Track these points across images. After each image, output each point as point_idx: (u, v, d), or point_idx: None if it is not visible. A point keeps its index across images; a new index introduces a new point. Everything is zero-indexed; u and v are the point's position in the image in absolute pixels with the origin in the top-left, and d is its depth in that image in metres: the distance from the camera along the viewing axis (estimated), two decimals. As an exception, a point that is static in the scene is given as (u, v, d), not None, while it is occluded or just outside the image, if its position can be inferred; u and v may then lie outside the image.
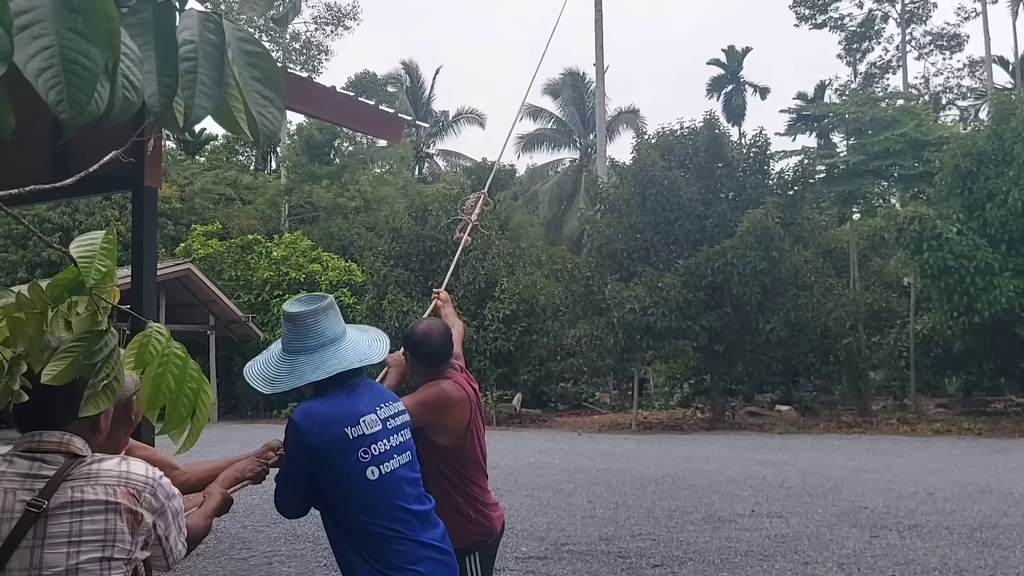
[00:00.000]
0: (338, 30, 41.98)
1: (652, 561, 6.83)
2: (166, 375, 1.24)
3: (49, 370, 1.27)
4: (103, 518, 1.64)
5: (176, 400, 1.26)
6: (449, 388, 3.34)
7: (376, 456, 2.54)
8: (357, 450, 2.51)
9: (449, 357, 3.43)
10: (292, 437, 2.53)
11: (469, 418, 3.38)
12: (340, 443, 2.50)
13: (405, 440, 2.70)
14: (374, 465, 2.52)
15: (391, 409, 2.69)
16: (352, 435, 2.51)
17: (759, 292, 19.93)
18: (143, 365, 1.23)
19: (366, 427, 2.55)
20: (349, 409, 2.55)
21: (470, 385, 3.48)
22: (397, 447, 2.63)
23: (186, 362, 1.26)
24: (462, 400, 3.35)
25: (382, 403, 2.67)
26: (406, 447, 2.69)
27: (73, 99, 0.91)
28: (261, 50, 1.20)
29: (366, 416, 2.56)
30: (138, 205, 5.28)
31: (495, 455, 16.57)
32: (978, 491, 10.21)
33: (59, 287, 1.25)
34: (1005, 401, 22.42)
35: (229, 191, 34.58)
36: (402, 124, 6.72)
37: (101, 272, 1.21)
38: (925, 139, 22.28)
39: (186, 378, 1.26)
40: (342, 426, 2.51)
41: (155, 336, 1.24)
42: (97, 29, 0.93)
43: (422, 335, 3.39)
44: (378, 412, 2.62)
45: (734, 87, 45.26)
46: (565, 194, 40.02)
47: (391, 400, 2.75)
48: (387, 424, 2.62)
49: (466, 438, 3.39)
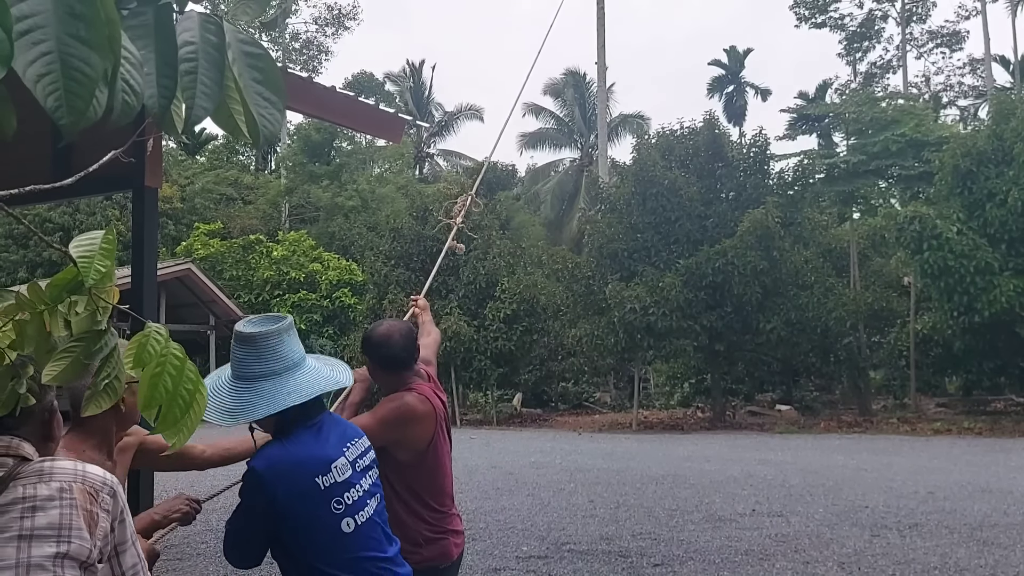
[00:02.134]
0: (339, 31, 42.05)
1: (653, 560, 6.83)
2: (164, 375, 1.25)
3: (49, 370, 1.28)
4: (57, 512, 1.56)
5: (172, 400, 1.26)
6: (413, 401, 3.03)
7: (350, 506, 2.29)
8: (330, 501, 2.25)
9: (412, 362, 3.12)
10: (253, 488, 2.23)
11: (433, 433, 3.08)
12: (310, 494, 2.22)
13: (375, 481, 2.46)
14: (349, 516, 2.28)
15: (358, 448, 2.43)
16: (324, 485, 2.23)
17: (759, 292, 19.94)
18: (141, 365, 1.24)
19: (337, 474, 2.27)
20: (318, 454, 2.27)
21: (437, 397, 3.17)
22: (369, 491, 2.39)
23: (184, 362, 1.26)
24: (427, 414, 3.04)
25: (349, 442, 2.40)
26: (376, 488, 2.45)
27: (71, 105, 0.91)
28: (261, 51, 1.21)
29: (336, 461, 2.29)
30: (138, 205, 5.28)
31: (496, 455, 16.59)
32: (978, 490, 10.22)
33: (58, 287, 1.26)
34: (1005, 400, 22.41)
35: (230, 191, 34.60)
36: (402, 124, 6.72)
37: (101, 272, 1.22)
38: (925, 139, 22.28)
39: (183, 379, 1.26)
40: (312, 475, 2.23)
41: (154, 336, 1.25)
42: (98, 35, 0.93)
43: (381, 337, 3.08)
44: (347, 454, 2.35)
45: (735, 88, 45.24)
46: (566, 194, 40.02)
47: (355, 436, 2.46)
48: (356, 466, 2.36)
49: (427, 454, 3.08)
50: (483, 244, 23.61)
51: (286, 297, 26.39)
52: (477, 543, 7.52)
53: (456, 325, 21.99)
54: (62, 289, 1.25)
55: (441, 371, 24.27)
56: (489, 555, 7.07)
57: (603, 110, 34.36)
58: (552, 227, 37.60)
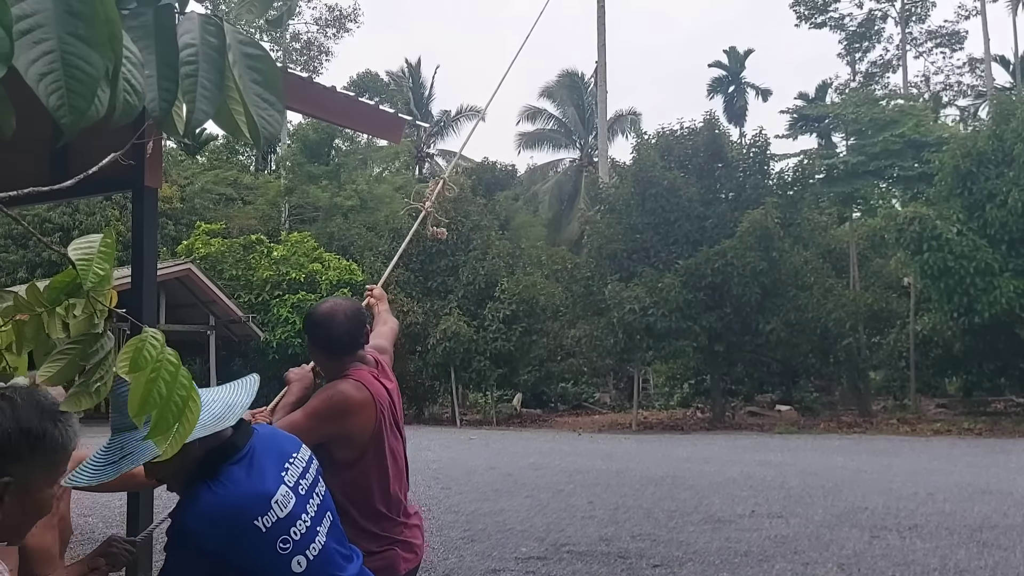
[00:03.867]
0: (340, 32, 42.06)
1: (652, 562, 6.83)
2: (158, 381, 1.23)
3: (45, 371, 1.27)
4: None
5: (166, 407, 1.25)
6: (348, 389, 2.70)
7: (299, 541, 1.97)
8: (275, 543, 1.93)
9: (357, 347, 2.81)
10: (183, 546, 1.92)
11: (375, 425, 2.72)
12: (251, 540, 1.90)
13: (323, 499, 2.12)
14: (299, 554, 1.96)
15: (298, 465, 2.07)
16: (265, 526, 1.91)
17: (759, 292, 19.95)
18: (137, 369, 1.23)
19: (279, 509, 1.94)
20: (254, 491, 1.93)
21: (381, 382, 2.82)
22: (317, 514, 2.06)
23: (178, 369, 1.25)
24: (364, 403, 2.70)
25: (287, 462, 2.05)
26: (325, 507, 2.12)
27: (73, 104, 0.91)
28: (261, 53, 1.21)
29: (277, 495, 1.95)
30: (138, 205, 5.26)
31: (496, 455, 16.54)
32: (978, 492, 10.21)
33: (57, 289, 1.25)
34: (1005, 401, 22.42)
35: (229, 191, 34.60)
36: (402, 124, 6.70)
37: (99, 276, 1.21)
38: (925, 139, 22.31)
39: (177, 385, 1.25)
40: (250, 519, 1.90)
41: (150, 342, 1.24)
42: (98, 34, 0.93)
43: (323, 315, 2.80)
44: (287, 479, 2.01)
45: (735, 88, 45.26)
46: (565, 194, 40.03)
47: (293, 450, 2.10)
48: (299, 489, 2.03)
49: (368, 451, 2.71)
50: (482, 244, 23.61)
51: (286, 297, 26.37)
52: (476, 544, 7.51)
53: (455, 325, 21.99)
54: (60, 291, 1.25)
55: (441, 371, 24.05)
56: (488, 556, 7.06)
57: (603, 110, 34.29)
58: (551, 227, 37.62)
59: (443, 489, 10.77)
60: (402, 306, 22.54)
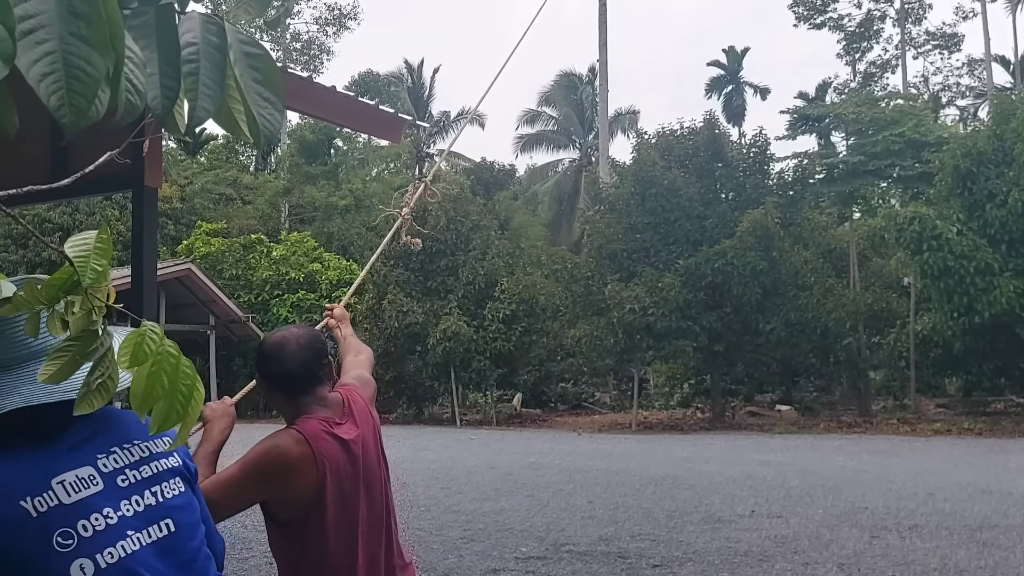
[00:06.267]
0: (340, 31, 42.08)
1: (652, 561, 6.83)
2: (160, 374, 1.25)
3: (46, 369, 1.27)
4: None
5: (172, 396, 1.26)
6: (285, 442, 2.21)
7: (88, 540, 1.46)
8: (51, 535, 1.45)
9: (315, 383, 2.32)
10: None
11: (318, 487, 2.20)
12: (13, 526, 1.44)
13: (164, 503, 1.57)
14: (84, 556, 1.45)
15: (136, 453, 1.58)
16: (37, 510, 1.45)
17: (759, 292, 19.96)
18: (137, 363, 1.24)
19: (66, 492, 1.48)
20: (35, 468, 1.48)
21: (335, 434, 2.27)
22: (139, 517, 1.53)
23: (179, 359, 1.26)
24: (302, 461, 2.19)
25: (118, 446, 1.56)
26: (164, 512, 1.57)
27: (74, 104, 0.92)
28: (261, 52, 1.21)
29: (67, 475, 1.49)
30: (138, 205, 5.27)
31: (496, 455, 16.53)
32: (978, 491, 10.22)
33: (54, 287, 1.26)
34: (1005, 401, 22.43)
35: (229, 191, 34.63)
36: (402, 124, 6.71)
37: (97, 272, 1.22)
38: (924, 139, 22.30)
39: (180, 376, 1.26)
40: (17, 498, 1.45)
41: (149, 335, 1.25)
42: (100, 34, 0.93)
43: (272, 347, 2.33)
44: (102, 463, 1.53)
45: (734, 88, 45.28)
46: (565, 194, 40.05)
47: (139, 438, 1.60)
48: (118, 479, 1.53)
49: (311, 515, 2.22)
50: (482, 244, 23.62)
51: (285, 297, 26.40)
52: (475, 544, 7.52)
53: (455, 325, 21.99)
54: (58, 289, 1.25)
55: (440, 371, 24.00)
56: (488, 556, 7.06)
57: (604, 109, 34.27)
58: (551, 227, 37.63)
59: (443, 489, 10.78)
60: (401, 306, 22.55)
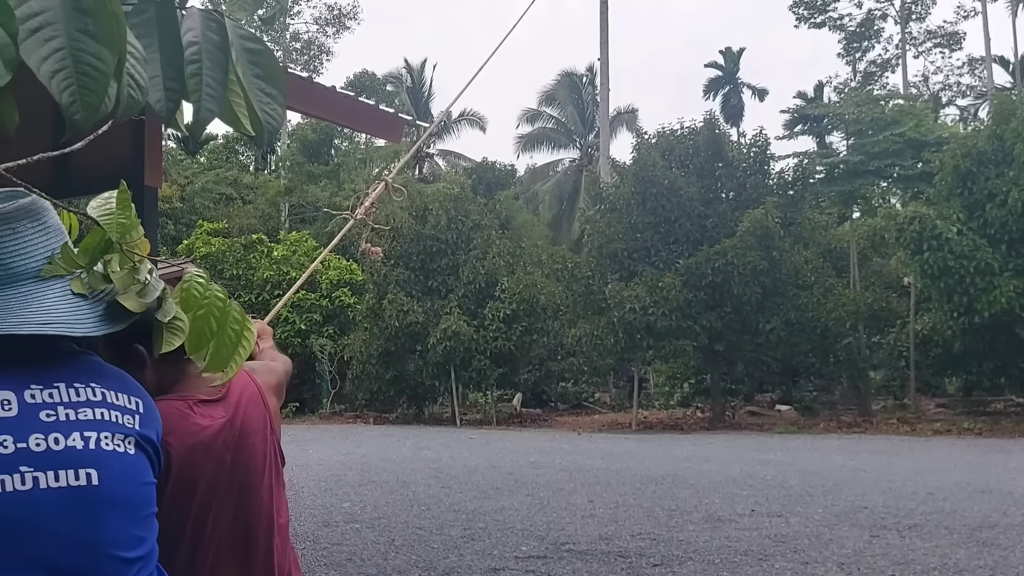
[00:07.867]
0: (339, 31, 42.09)
1: (652, 560, 6.83)
2: (208, 317, 1.28)
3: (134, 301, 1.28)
4: None
5: (221, 338, 1.30)
6: None
7: None
8: None
9: None
10: None
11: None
12: None
13: (97, 449, 1.25)
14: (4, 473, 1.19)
15: (85, 395, 1.27)
16: None
17: (759, 292, 19.97)
18: (188, 309, 1.28)
19: None
20: None
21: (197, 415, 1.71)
22: (61, 455, 1.21)
23: (226, 303, 1.30)
24: None
25: (66, 383, 1.27)
26: (89, 460, 1.23)
27: (86, 100, 0.93)
28: (262, 47, 1.22)
29: None
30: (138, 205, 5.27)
31: (496, 454, 16.53)
32: (978, 491, 10.22)
33: (88, 251, 1.28)
34: (1005, 401, 22.42)
35: (229, 191, 34.61)
36: (402, 124, 6.72)
37: (124, 225, 1.24)
38: (924, 139, 22.31)
39: (228, 319, 1.30)
40: None
41: (195, 281, 1.29)
42: (106, 30, 0.94)
43: None
44: (29, 393, 1.23)
45: (731, 88, 45.30)
46: (565, 194, 40.03)
47: (105, 385, 1.31)
48: (44, 413, 1.22)
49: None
50: (483, 244, 23.62)
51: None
52: (476, 543, 7.52)
53: (456, 325, 21.99)
54: (94, 251, 1.27)
55: (440, 371, 24.01)
56: (488, 555, 7.07)
57: (605, 108, 34.23)
58: (552, 227, 37.61)
59: (443, 488, 10.78)
60: (402, 305, 22.55)
